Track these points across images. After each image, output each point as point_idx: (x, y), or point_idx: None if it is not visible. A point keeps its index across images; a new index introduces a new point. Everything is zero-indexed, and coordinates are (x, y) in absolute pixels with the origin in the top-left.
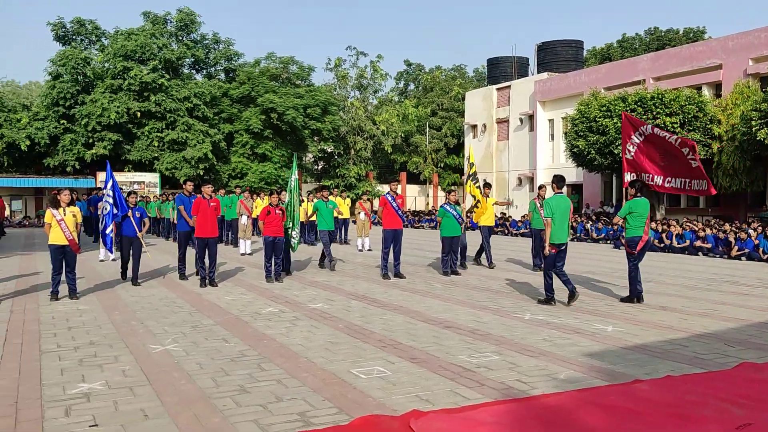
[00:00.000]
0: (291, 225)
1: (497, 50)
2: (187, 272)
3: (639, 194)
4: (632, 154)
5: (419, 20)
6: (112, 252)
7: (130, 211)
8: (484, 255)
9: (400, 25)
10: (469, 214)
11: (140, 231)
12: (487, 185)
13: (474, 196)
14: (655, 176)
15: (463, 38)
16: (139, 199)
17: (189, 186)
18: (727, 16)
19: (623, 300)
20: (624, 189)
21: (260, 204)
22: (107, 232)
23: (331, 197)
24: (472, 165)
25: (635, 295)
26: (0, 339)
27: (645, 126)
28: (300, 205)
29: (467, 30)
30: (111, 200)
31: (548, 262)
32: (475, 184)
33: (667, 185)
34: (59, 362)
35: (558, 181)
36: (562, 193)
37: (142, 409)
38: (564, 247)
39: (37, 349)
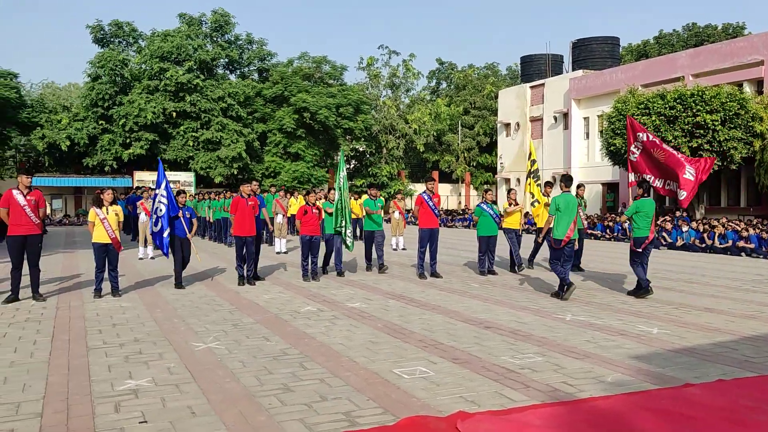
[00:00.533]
0: (344, 224)
1: (531, 48)
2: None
3: (646, 194)
4: (636, 156)
5: (452, 18)
6: (168, 256)
7: (180, 211)
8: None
9: (432, 24)
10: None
11: (190, 232)
12: (548, 184)
13: (533, 194)
14: (656, 179)
15: (496, 36)
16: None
17: (254, 186)
18: (767, 12)
19: (631, 293)
20: (630, 188)
21: (294, 203)
22: (164, 235)
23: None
24: (533, 162)
25: (645, 286)
26: (47, 335)
27: (646, 133)
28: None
29: (500, 28)
30: (165, 201)
31: (556, 255)
32: (536, 182)
33: (663, 186)
34: (106, 359)
35: (566, 180)
36: (569, 192)
37: (189, 406)
38: (571, 243)
39: (83, 345)
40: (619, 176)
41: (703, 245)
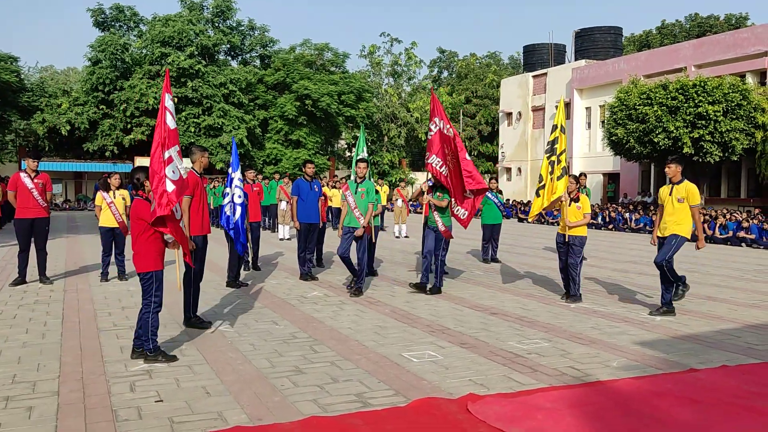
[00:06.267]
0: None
1: (534, 37)
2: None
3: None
4: (432, 133)
5: (453, 6)
6: (245, 248)
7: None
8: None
9: (434, 12)
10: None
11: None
12: (582, 175)
13: (541, 177)
14: (444, 164)
15: (498, 25)
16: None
17: (310, 169)
18: None
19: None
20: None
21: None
22: (244, 226)
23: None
24: (554, 128)
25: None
26: (57, 317)
27: (444, 122)
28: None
29: (503, 16)
30: (242, 185)
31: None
32: (548, 156)
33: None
34: (117, 341)
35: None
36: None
37: (204, 386)
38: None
39: (94, 327)
40: (620, 167)
41: (704, 236)
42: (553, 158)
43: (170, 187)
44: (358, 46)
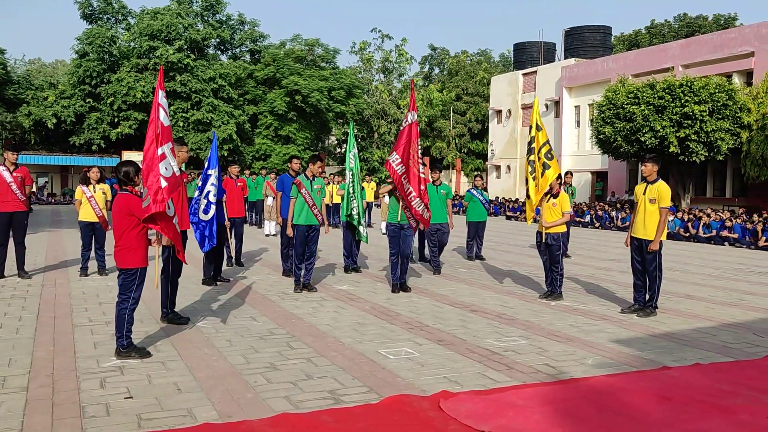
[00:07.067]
0: (359, 213)
1: (524, 35)
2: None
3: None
4: (402, 127)
5: (445, 3)
6: (211, 246)
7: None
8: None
9: (425, 8)
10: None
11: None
12: (568, 173)
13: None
14: (400, 163)
15: (489, 22)
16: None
17: (295, 164)
18: (759, 3)
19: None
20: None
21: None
22: (214, 226)
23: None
24: (531, 128)
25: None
26: (33, 312)
27: (412, 117)
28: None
29: (494, 13)
30: (217, 183)
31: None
32: (528, 158)
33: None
34: (92, 336)
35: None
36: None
37: (175, 383)
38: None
39: (69, 323)
40: (609, 165)
41: (687, 234)
42: (533, 157)
43: (163, 183)
44: (348, 42)
